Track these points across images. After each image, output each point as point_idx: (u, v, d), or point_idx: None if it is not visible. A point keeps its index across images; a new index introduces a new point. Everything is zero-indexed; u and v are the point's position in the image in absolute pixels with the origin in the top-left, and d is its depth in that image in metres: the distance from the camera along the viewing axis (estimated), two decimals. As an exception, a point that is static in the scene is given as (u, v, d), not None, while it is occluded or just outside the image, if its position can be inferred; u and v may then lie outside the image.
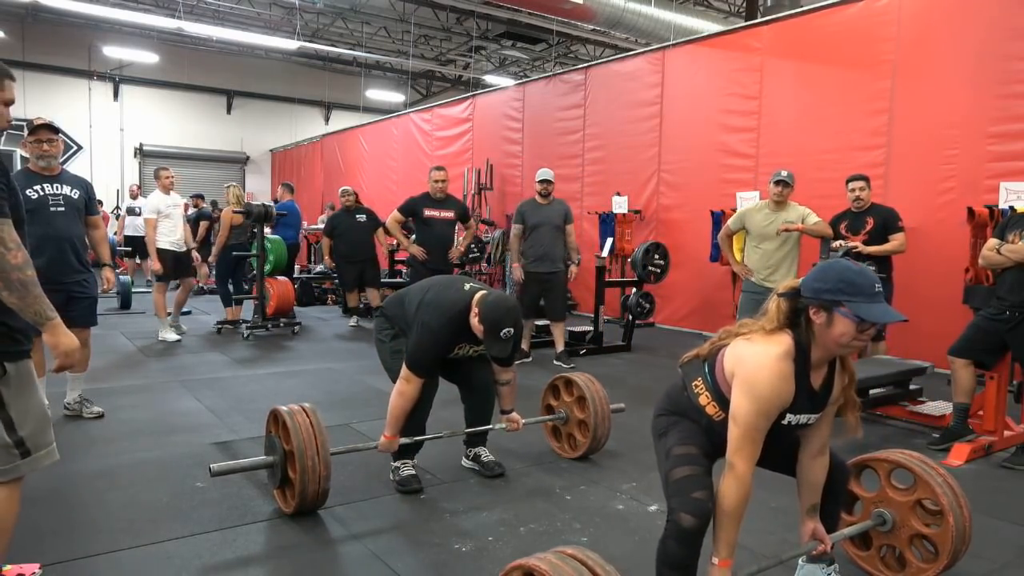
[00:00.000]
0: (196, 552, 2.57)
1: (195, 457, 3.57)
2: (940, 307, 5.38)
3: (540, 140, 10.04)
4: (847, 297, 1.79)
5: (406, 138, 12.90)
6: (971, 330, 3.87)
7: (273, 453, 2.89)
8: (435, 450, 3.54)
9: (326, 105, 20.07)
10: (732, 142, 7.51)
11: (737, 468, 1.84)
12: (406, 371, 3.02)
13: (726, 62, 7.67)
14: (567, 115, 9.56)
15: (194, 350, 6.51)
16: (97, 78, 17.08)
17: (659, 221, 8.34)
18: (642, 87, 8.55)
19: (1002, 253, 3.65)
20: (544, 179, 6.04)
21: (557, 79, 9.93)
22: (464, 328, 3.01)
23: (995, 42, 5.49)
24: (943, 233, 5.58)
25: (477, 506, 3.05)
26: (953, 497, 2.11)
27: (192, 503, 3.01)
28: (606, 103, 9.06)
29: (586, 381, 3.55)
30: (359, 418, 4.33)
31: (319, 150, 16.39)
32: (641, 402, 4.96)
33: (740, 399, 1.85)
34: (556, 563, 1.48)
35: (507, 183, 10.55)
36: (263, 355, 6.38)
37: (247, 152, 19.18)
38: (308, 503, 2.80)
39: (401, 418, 3.06)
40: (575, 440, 3.63)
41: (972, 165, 5.60)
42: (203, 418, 4.32)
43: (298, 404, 2.90)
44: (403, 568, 2.49)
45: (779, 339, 1.88)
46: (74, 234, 3.96)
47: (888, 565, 2.27)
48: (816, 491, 2.09)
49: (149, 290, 10.94)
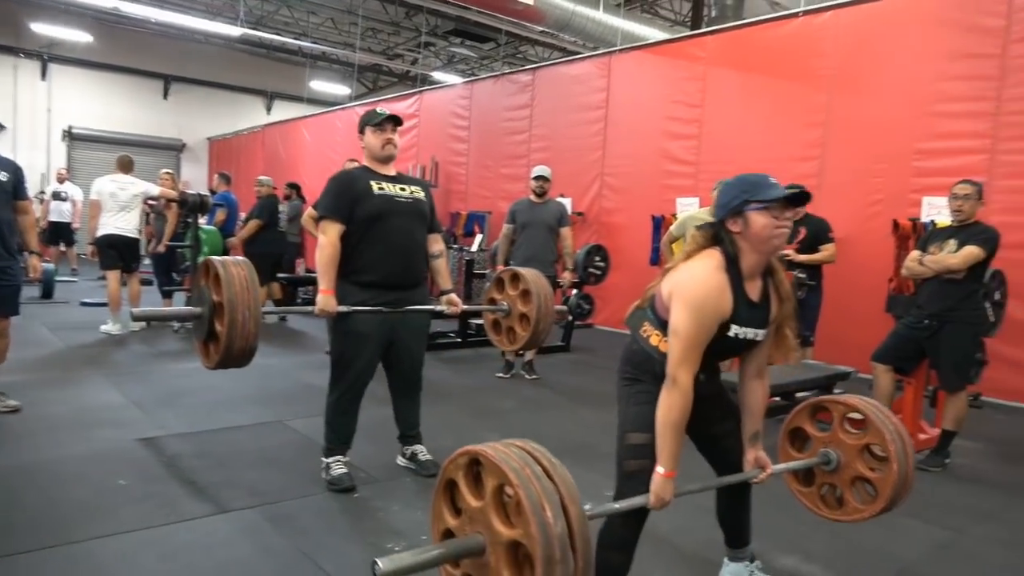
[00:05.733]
0: (120, 553, 2.48)
1: (118, 454, 3.44)
2: (865, 315, 5.60)
3: (487, 139, 10.04)
4: (750, 195, 1.89)
5: (350, 132, 12.63)
6: (892, 337, 4.04)
7: (201, 304, 2.73)
8: (369, 448, 3.50)
9: (268, 95, 19.58)
10: (674, 149, 7.65)
11: (679, 381, 1.86)
12: (322, 224, 3.06)
13: (671, 70, 7.81)
14: (514, 115, 9.59)
15: (120, 343, 6.27)
16: (24, 55, 16.24)
17: (601, 224, 8.44)
18: (588, 91, 8.64)
19: (924, 264, 3.83)
20: (540, 176, 5.59)
21: (505, 79, 9.94)
22: (359, 170, 3.20)
23: (926, 62, 5.75)
24: (870, 244, 5.81)
25: (412, 505, 3.02)
26: (901, 446, 2.16)
27: (115, 502, 2.89)
28: (553, 105, 9.12)
29: (533, 276, 3.43)
30: (293, 415, 4.24)
31: (260, 140, 16.00)
32: (580, 403, 5.03)
33: (679, 313, 1.88)
34: (502, 449, 1.49)
35: (452, 181, 10.51)
36: (194, 349, 6.18)
37: (183, 139, 18.54)
38: (233, 359, 2.66)
39: (331, 268, 3.02)
40: (515, 334, 3.50)
41: (899, 179, 5.85)
42: (128, 413, 4.16)
43: (232, 258, 2.78)
44: (334, 568, 2.45)
45: (708, 255, 1.96)
46: (2, 219, 3.78)
47: (827, 503, 2.34)
48: (756, 418, 2.15)
49: (74, 279, 10.56)
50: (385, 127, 3.18)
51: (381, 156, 3.19)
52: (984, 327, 4.16)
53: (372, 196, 3.08)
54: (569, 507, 1.42)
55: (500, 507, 1.48)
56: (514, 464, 1.44)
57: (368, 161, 3.23)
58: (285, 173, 13.26)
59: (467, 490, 1.55)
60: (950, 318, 3.77)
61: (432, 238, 3.34)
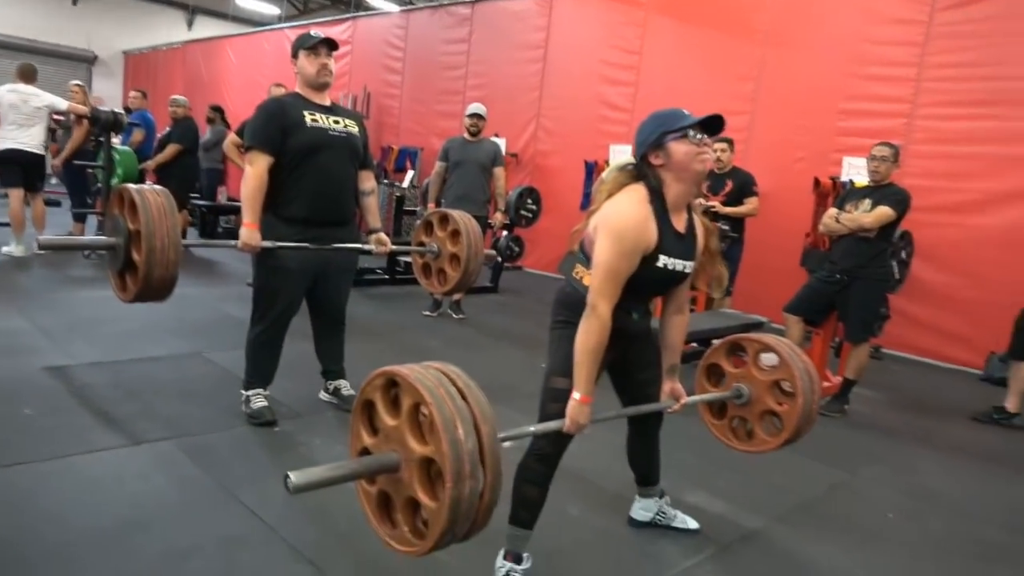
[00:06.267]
0: (27, 485, 2.39)
1: (23, 382, 3.29)
2: (783, 268, 5.81)
3: (422, 72, 9.76)
4: (667, 126, 1.95)
5: (279, 55, 12.10)
6: (805, 290, 4.23)
7: (116, 234, 2.62)
8: (291, 383, 3.46)
9: (190, 9, 18.36)
10: (611, 94, 7.64)
11: (599, 309, 1.90)
12: (249, 154, 2.93)
13: (611, 14, 7.72)
14: (451, 49, 9.33)
15: (24, 266, 5.93)
16: (-90, -55, 14.70)
17: (535, 166, 8.41)
18: (528, 29, 8.47)
19: (840, 221, 3.99)
20: (475, 113, 5.48)
21: (443, 11, 9.62)
22: (292, 97, 3.04)
23: (856, 24, 5.87)
24: (792, 200, 6.00)
25: (334, 439, 3.02)
26: (808, 383, 2.30)
27: (20, 432, 2.78)
28: (491, 42, 8.92)
29: (462, 217, 3.38)
30: (213, 347, 4.14)
31: (180, 58, 15.08)
32: (506, 343, 5.10)
33: (602, 244, 1.91)
34: (419, 370, 1.51)
35: (384, 113, 10.22)
36: (106, 276, 5.91)
37: (95, 51, 17.28)
38: (152, 290, 2.58)
39: (256, 201, 2.91)
40: (445, 275, 3.46)
41: (823, 138, 6.03)
42: (33, 340, 3.97)
43: (147, 186, 2.66)
44: (252, 500, 2.44)
45: (632, 189, 2.00)
46: None
47: (737, 435, 2.48)
48: (675, 351, 2.23)
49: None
50: (319, 51, 3.02)
51: (316, 83, 3.04)
52: (890, 284, 4.40)
53: (304, 128, 2.95)
54: (481, 426, 1.46)
55: (416, 426, 1.50)
56: (429, 384, 1.47)
57: (301, 88, 3.07)
58: (208, 95, 12.59)
59: (384, 410, 1.56)
60: (860, 274, 3.96)
61: (363, 174, 3.25)
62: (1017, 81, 5.12)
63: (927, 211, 5.06)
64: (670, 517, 2.51)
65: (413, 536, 1.54)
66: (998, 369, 4.90)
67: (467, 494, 1.42)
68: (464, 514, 1.44)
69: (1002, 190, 5.17)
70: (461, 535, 1.49)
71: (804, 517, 2.79)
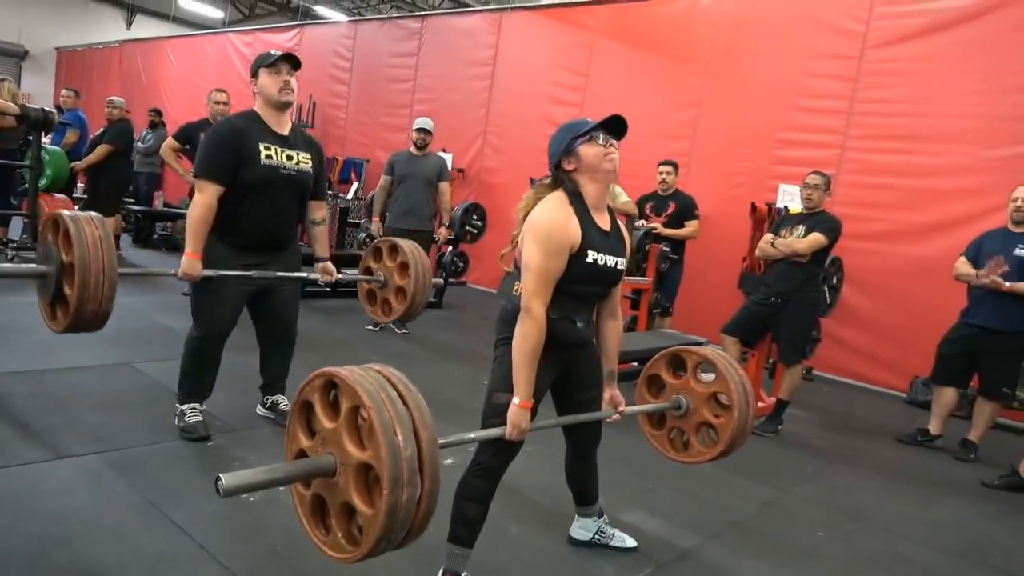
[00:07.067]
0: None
1: (-65, 391, 3.11)
2: (721, 290, 5.97)
3: (369, 83, 9.69)
4: (574, 132, 2.06)
5: (221, 59, 11.85)
6: (741, 312, 4.36)
7: (48, 263, 2.50)
8: (227, 397, 3.36)
9: (129, 7, 17.86)
10: (557, 114, 7.71)
11: (533, 310, 1.93)
12: (199, 182, 2.85)
13: (560, 35, 7.84)
14: (399, 62, 9.30)
15: (-58, 268, 5.62)
16: None
17: (480, 182, 8.43)
18: (477, 46, 8.52)
19: (775, 246, 4.14)
20: (422, 128, 5.49)
21: (393, 23, 9.61)
22: (249, 122, 2.93)
23: (794, 58, 6.11)
24: (730, 224, 6.17)
25: (270, 454, 2.93)
26: (743, 396, 2.36)
27: (-72, 443, 2.63)
28: (440, 56, 8.93)
29: (411, 248, 3.38)
30: (144, 357, 3.99)
31: (117, 57, 14.58)
32: (448, 359, 5.07)
33: (530, 247, 1.96)
34: (359, 372, 1.49)
35: (330, 124, 10.10)
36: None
37: (26, 46, 16.61)
38: (84, 323, 2.48)
39: (201, 230, 2.84)
40: (390, 306, 3.45)
41: (760, 165, 6.23)
42: (-51, 347, 3.76)
43: (83, 213, 2.53)
44: (183, 517, 2.35)
45: (551, 196, 2.07)
46: None
47: (675, 445, 2.53)
48: (612, 357, 2.28)
49: None
50: (281, 68, 2.93)
51: (277, 101, 2.94)
52: (821, 307, 4.57)
53: (257, 165, 2.88)
54: (420, 432, 1.44)
55: (354, 429, 1.48)
56: (369, 387, 1.45)
57: (261, 108, 2.98)
58: (146, 98, 12.23)
59: (322, 412, 1.54)
60: (793, 297, 4.10)
61: (314, 204, 3.18)
62: (940, 119, 5.40)
63: (857, 239, 5.28)
64: (608, 536, 2.53)
65: (347, 543, 1.51)
66: (921, 392, 5.12)
67: (404, 501, 1.40)
68: (401, 521, 1.42)
69: (925, 221, 5.44)
70: (397, 543, 1.47)
71: (737, 535, 2.85)
